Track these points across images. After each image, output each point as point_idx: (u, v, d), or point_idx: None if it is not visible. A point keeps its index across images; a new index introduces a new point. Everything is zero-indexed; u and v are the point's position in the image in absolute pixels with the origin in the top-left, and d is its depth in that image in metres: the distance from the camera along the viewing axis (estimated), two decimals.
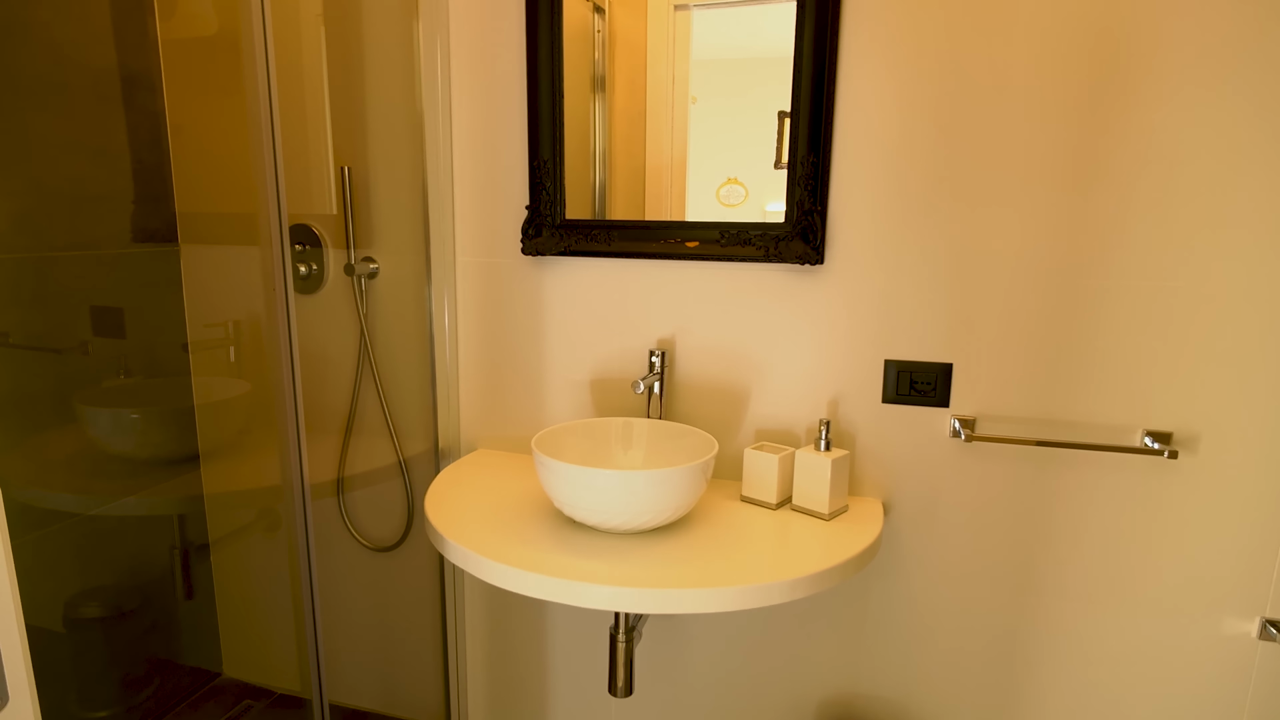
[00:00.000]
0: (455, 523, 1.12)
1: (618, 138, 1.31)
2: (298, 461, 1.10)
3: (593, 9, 1.34)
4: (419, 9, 1.35)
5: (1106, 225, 1.10)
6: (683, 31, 1.28)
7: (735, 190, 1.25)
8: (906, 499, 1.26)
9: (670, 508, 1.06)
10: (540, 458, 1.07)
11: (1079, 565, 1.20)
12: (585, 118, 1.32)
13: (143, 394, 1.59)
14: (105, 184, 1.53)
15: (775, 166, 1.20)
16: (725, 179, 1.24)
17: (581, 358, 1.39)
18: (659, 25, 1.29)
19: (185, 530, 1.61)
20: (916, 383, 1.22)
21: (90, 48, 1.47)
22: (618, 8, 1.30)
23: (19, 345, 1.49)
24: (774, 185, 1.22)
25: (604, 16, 1.33)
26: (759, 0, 1.19)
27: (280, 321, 1.06)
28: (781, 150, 1.20)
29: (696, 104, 1.28)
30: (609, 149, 1.32)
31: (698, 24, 1.26)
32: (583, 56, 1.30)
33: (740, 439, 1.33)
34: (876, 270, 1.20)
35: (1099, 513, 1.18)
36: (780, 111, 1.19)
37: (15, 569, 0.57)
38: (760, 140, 1.20)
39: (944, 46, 1.12)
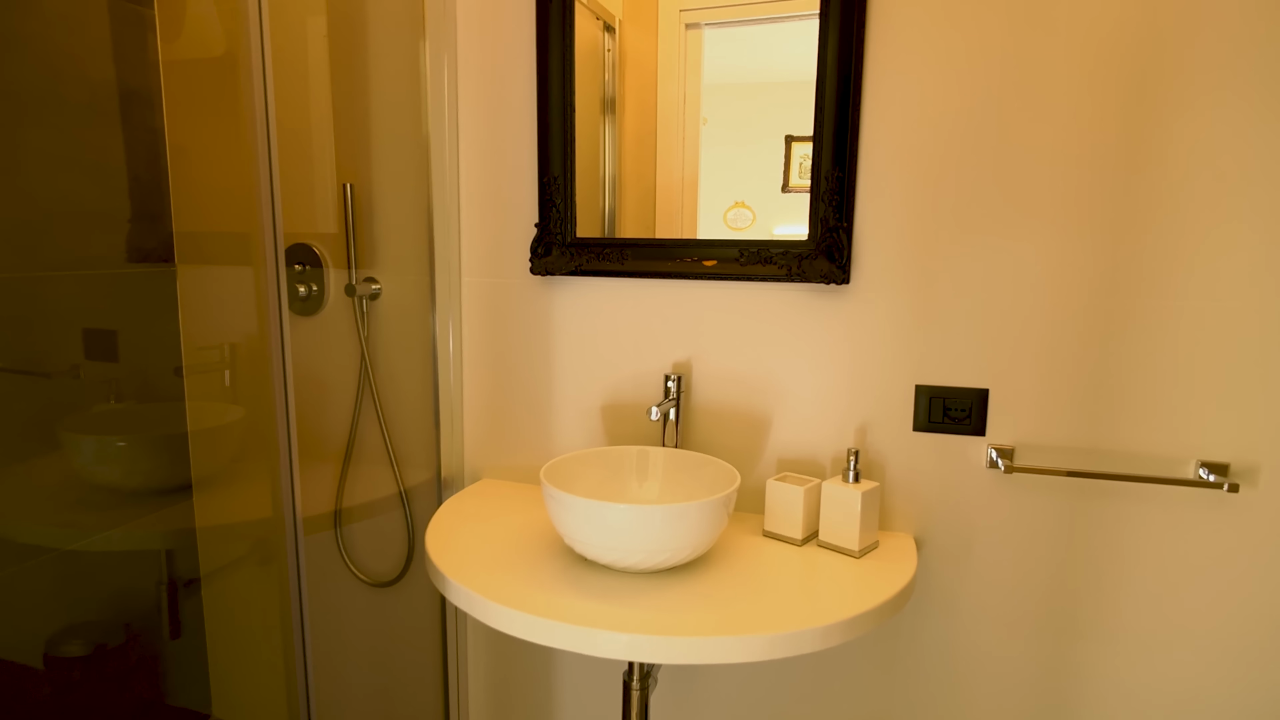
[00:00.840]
0: (458, 560, 1.05)
1: (628, 158, 1.27)
2: (290, 493, 1.03)
3: (602, 28, 1.30)
4: (425, 23, 1.30)
5: (1156, 240, 1.03)
6: (694, 50, 1.24)
7: (742, 214, 1.20)
8: (940, 534, 1.18)
9: (689, 545, 0.98)
10: (549, 490, 1.00)
11: (1130, 607, 1.11)
12: (595, 138, 1.27)
13: (133, 420, 1.53)
14: (100, 201, 1.48)
15: (782, 190, 1.15)
16: (732, 202, 1.20)
17: (592, 383, 1.32)
18: (670, 44, 1.25)
19: (173, 565, 1.53)
20: (950, 410, 1.15)
21: (88, 62, 1.43)
22: (628, 26, 1.27)
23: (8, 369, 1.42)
24: (781, 209, 1.16)
25: (614, 35, 1.29)
26: (774, 19, 1.15)
27: (274, 346, 0.99)
28: (789, 173, 1.15)
29: (707, 126, 1.24)
30: (619, 169, 1.27)
31: (709, 43, 1.22)
32: (592, 76, 1.26)
33: (762, 469, 1.25)
34: (906, 290, 1.14)
35: (1151, 550, 1.09)
36: (788, 135, 1.15)
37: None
38: (767, 163, 1.16)
39: (979, 54, 1.06)
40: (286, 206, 1.52)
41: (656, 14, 1.24)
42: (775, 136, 1.15)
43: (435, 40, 1.30)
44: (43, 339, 1.45)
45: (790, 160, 1.15)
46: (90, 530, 1.34)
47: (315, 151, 1.47)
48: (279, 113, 1.46)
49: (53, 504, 1.33)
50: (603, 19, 1.29)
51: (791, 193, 1.15)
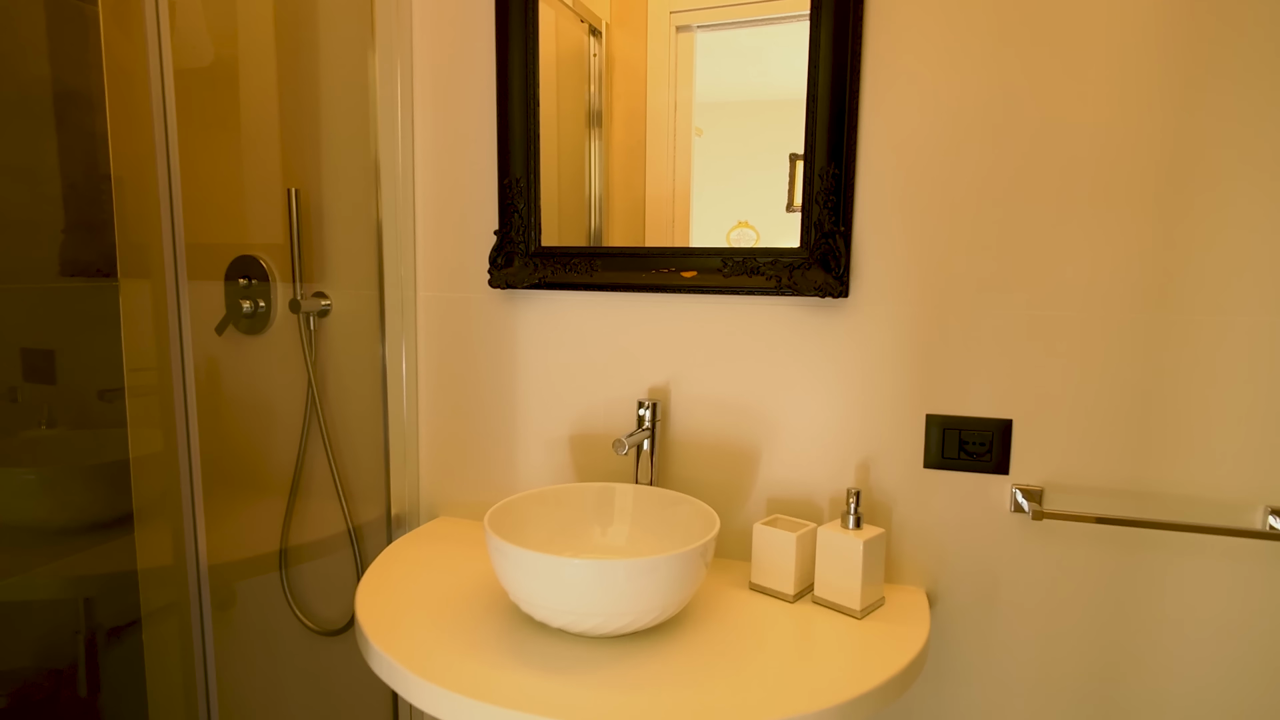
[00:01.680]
0: (391, 619, 0.89)
1: (615, 170, 1.15)
2: (194, 537, 0.88)
3: (588, 31, 1.18)
4: (375, 13, 1.18)
5: (1213, 242, 0.87)
6: (685, 54, 1.13)
7: (746, 234, 1.09)
8: (957, 588, 1.01)
9: (658, 606, 0.83)
10: (492, 540, 0.85)
11: (1184, 679, 0.94)
12: (580, 150, 1.15)
13: (62, 448, 1.39)
14: (30, 210, 1.36)
15: (787, 210, 1.04)
16: (736, 222, 1.09)
17: (560, 410, 1.17)
18: (660, 47, 1.14)
19: (92, 613, 1.38)
20: (967, 443, 0.99)
21: (18, 58, 1.32)
22: (616, 30, 1.16)
23: None
24: (787, 229, 1.04)
25: (601, 40, 1.17)
26: (769, 19, 1.04)
27: (175, 370, 0.85)
28: (794, 193, 1.05)
29: (702, 137, 1.12)
30: (606, 183, 1.15)
31: (701, 47, 1.12)
32: (577, 84, 1.15)
33: (749, 510, 1.09)
34: (913, 304, 0.98)
35: (1210, 612, 0.92)
36: (792, 154, 1.05)
37: None
38: (771, 183, 1.05)
39: (998, 28, 0.91)
40: (232, 216, 1.39)
41: (646, 16, 1.15)
42: (780, 155, 1.04)
43: (385, 32, 1.18)
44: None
45: (795, 179, 1.05)
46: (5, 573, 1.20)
47: (261, 158, 1.34)
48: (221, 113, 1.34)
49: None
50: (588, 21, 1.17)
51: (796, 212, 1.04)
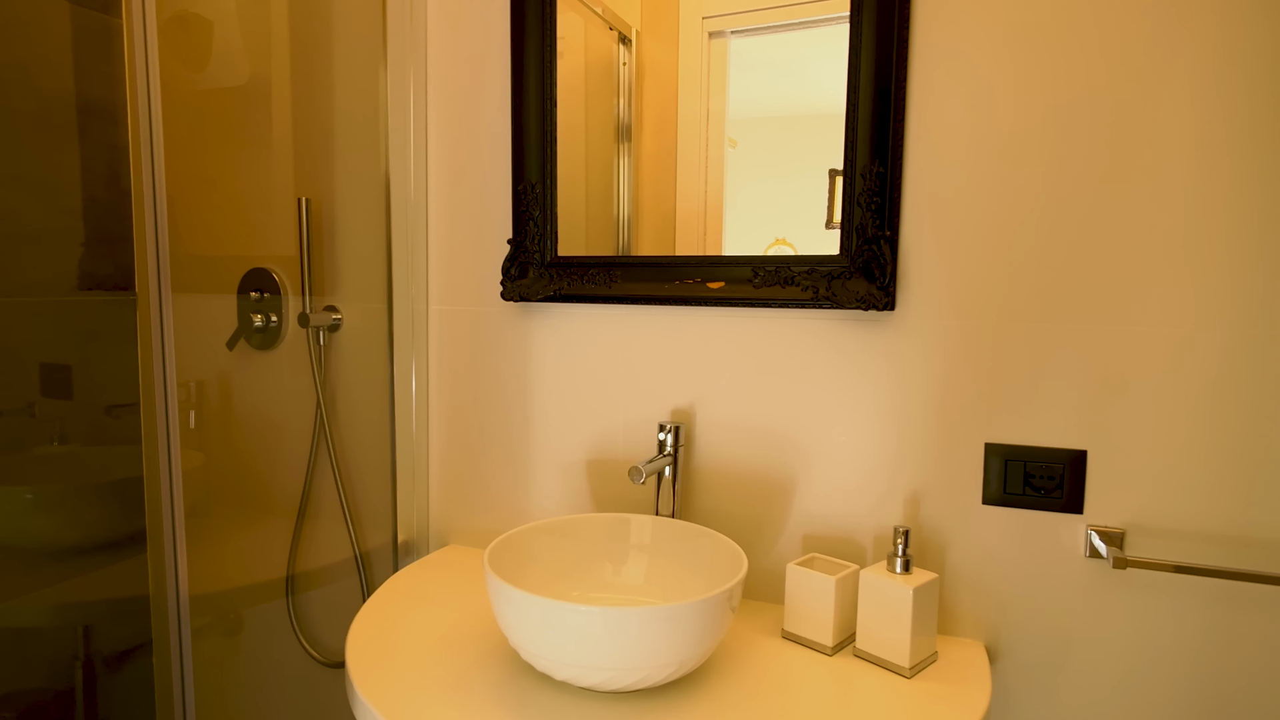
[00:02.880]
0: (382, 663, 0.81)
1: (645, 182, 1.08)
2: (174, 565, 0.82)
3: (617, 39, 1.12)
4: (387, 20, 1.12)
5: None
6: (718, 61, 1.07)
7: (783, 251, 1.01)
8: (1023, 644, 0.88)
9: (676, 660, 0.72)
10: (491, 580, 0.76)
11: None
12: (608, 164, 1.09)
13: (71, 465, 1.36)
14: (50, 222, 1.34)
15: (827, 226, 0.96)
16: (773, 239, 1.02)
17: (576, 432, 1.08)
18: (692, 55, 1.08)
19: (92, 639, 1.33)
20: (1033, 477, 0.86)
21: (42, 71, 1.31)
22: (646, 38, 1.10)
23: None
24: (825, 246, 0.96)
25: (630, 48, 1.11)
26: (805, 22, 0.96)
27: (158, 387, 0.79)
28: (834, 208, 0.98)
29: (736, 149, 1.05)
30: (635, 196, 1.08)
31: (734, 54, 1.05)
32: (606, 94, 1.10)
33: (781, 548, 0.98)
34: (971, 318, 0.87)
35: None
36: (832, 169, 0.97)
37: None
38: (810, 199, 0.98)
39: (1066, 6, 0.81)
40: (245, 229, 1.35)
41: (677, 23, 1.09)
42: (819, 170, 0.97)
43: (398, 41, 1.13)
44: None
45: (834, 195, 0.97)
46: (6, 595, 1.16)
47: (275, 170, 1.30)
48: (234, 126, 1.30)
49: None
50: (618, 29, 1.12)
51: (836, 229, 0.94)
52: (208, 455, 1.38)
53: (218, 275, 1.35)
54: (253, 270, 1.33)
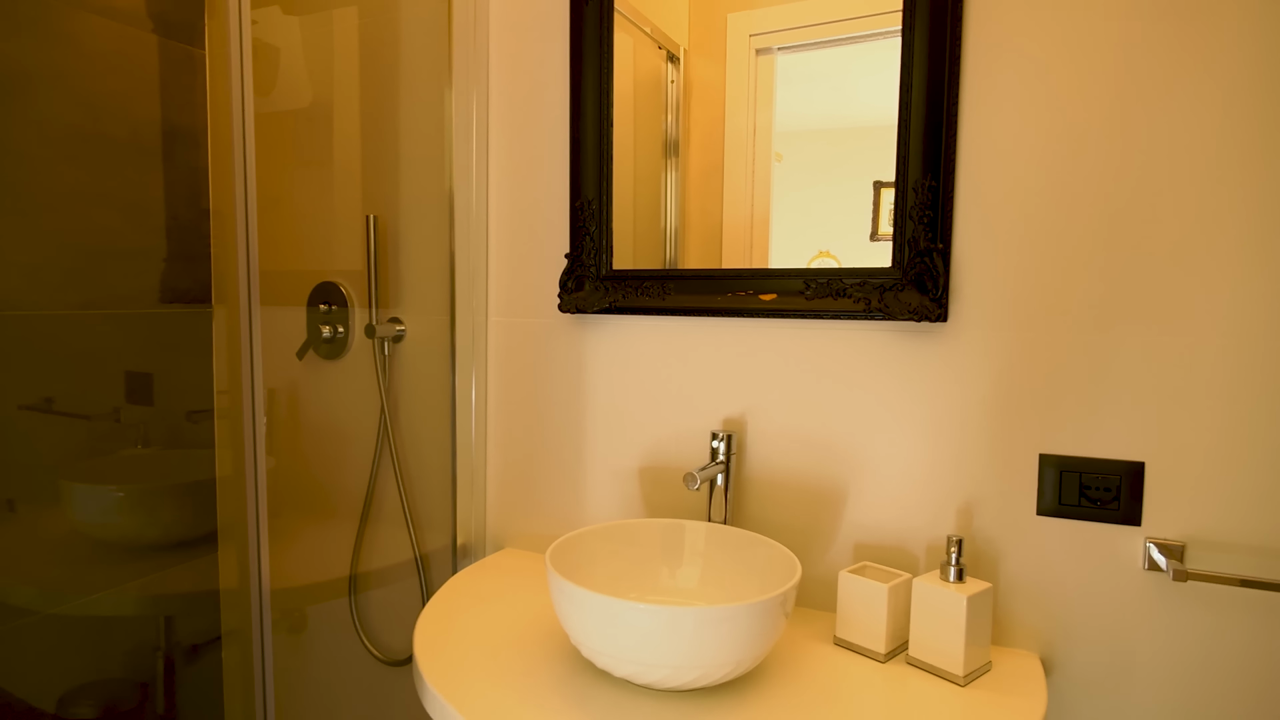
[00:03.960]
0: (448, 658, 0.85)
1: (691, 197, 1.12)
2: (257, 561, 0.87)
3: (665, 58, 1.16)
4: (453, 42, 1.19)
5: None
6: (765, 78, 1.10)
7: (827, 263, 1.04)
8: (1079, 656, 0.88)
9: (731, 660, 0.75)
10: (554, 578, 0.79)
11: None
12: (656, 179, 1.13)
13: (153, 467, 1.44)
14: (137, 240, 1.43)
15: (871, 239, 0.98)
16: (817, 252, 1.04)
17: (630, 440, 1.11)
18: (739, 72, 1.12)
19: (173, 630, 1.41)
20: (1089, 488, 0.86)
21: (133, 99, 1.41)
22: (694, 55, 1.14)
23: (59, 412, 1.37)
24: (869, 259, 0.98)
25: (678, 66, 1.15)
26: (853, 38, 0.99)
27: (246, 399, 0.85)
28: (879, 221, 1.00)
29: (782, 162, 1.08)
30: (682, 210, 1.12)
31: (782, 69, 1.08)
32: (654, 111, 1.14)
33: (833, 556, 1.00)
34: (1025, 329, 0.88)
35: None
36: (877, 181, 0.99)
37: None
38: (854, 212, 1.00)
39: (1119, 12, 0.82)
40: (315, 244, 1.42)
41: (725, 40, 1.13)
42: (863, 183, 0.99)
43: (464, 55, 1.19)
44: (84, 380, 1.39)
45: (879, 208, 0.99)
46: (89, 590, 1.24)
47: (345, 185, 1.37)
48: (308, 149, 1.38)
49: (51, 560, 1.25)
50: (666, 48, 1.16)
51: (880, 241, 0.98)
52: (277, 460, 1.45)
53: (289, 289, 1.43)
54: (321, 284, 1.40)
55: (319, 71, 1.39)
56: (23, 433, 1.28)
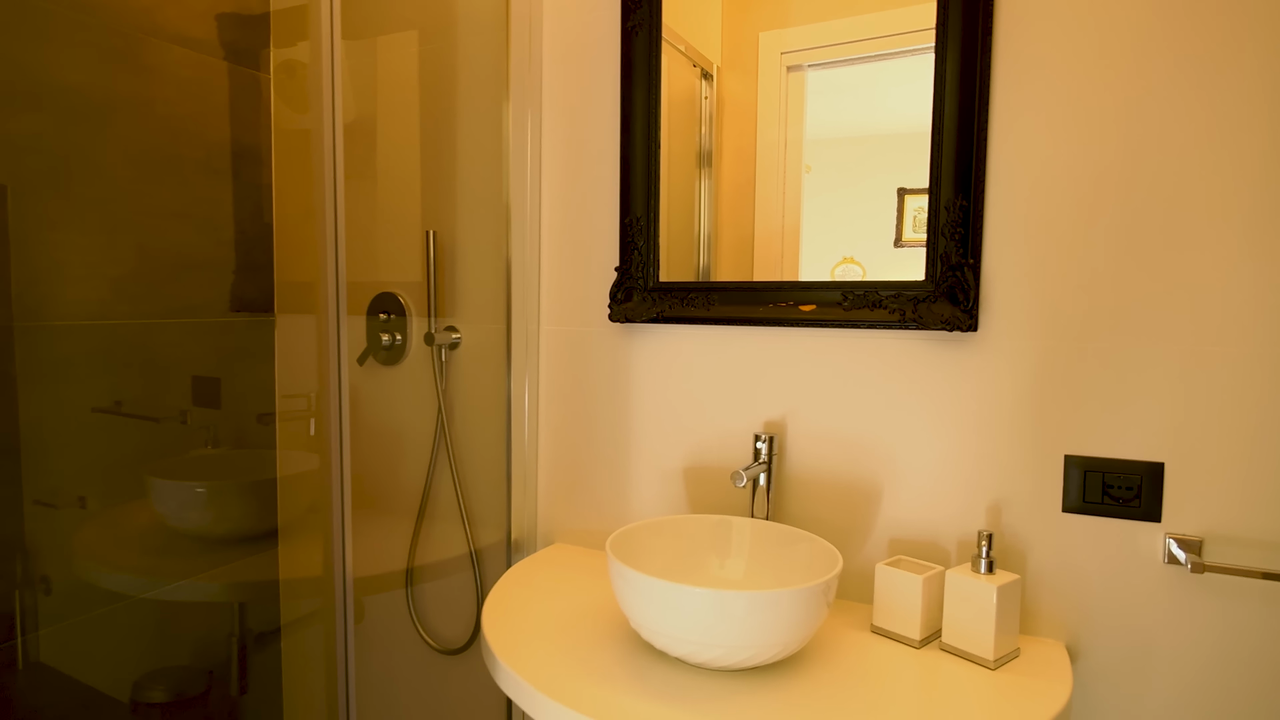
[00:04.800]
0: (513, 638, 0.93)
1: (724, 208, 1.18)
2: (341, 552, 0.96)
3: (700, 75, 1.23)
4: (510, 68, 1.27)
5: None
6: (796, 94, 1.16)
7: (851, 269, 1.09)
8: (1102, 645, 0.94)
9: (779, 642, 0.82)
10: (615, 565, 0.87)
11: None
12: (690, 189, 1.20)
13: (224, 466, 1.54)
14: (209, 253, 1.54)
15: (895, 245, 1.04)
16: (840, 258, 1.10)
17: (674, 442, 1.19)
18: (770, 88, 1.18)
19: (245, 618, 1.50)
20: (1111, 487, 0.92)
21: (206, 122, 1.51)
22: (726, 72, 1.20)
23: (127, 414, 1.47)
24: (893, 265, 1.04)
25: (712, 83, 1.22)
26: (882, 55, 1.05)
27: (333, 397, 0.94)
28: (902, 227, 1.05)
29: (810, 173, 1.14)
30: (715, 221, 1.19)
31: (812, 85, 1.13)
32: (688, 125, 1.20)
33: (869, 550, 1.06)
34: (1050, 338, 0.94)
35: None
36: (900, 188, 1.04)
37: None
38: (878, 218, 1.05)
39: (1140, 51, 0.88)
40: (376, 256, 1.52)
41: (756, 58, 1.18)
42: (887, 189, 1.04)
43: (520, 85, 1.27)
44: (154, 384, 1.49)
45: (903, 214, 1.04)
46: (165, 579, 1.34)
47: (404, 201, 1.46)
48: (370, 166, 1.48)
49: (139, 549, 1.34)
50: (700, 66, 1.23)
51: (904, 247, 1.03)
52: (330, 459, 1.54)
53: (350, 299, 1.52)
54: (381, 294, 1.49)
55: (383, 92, 1.48)
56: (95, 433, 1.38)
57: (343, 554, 0.95)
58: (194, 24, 1.48)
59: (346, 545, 0.95)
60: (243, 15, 1.58)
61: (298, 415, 1.62)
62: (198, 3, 1.49)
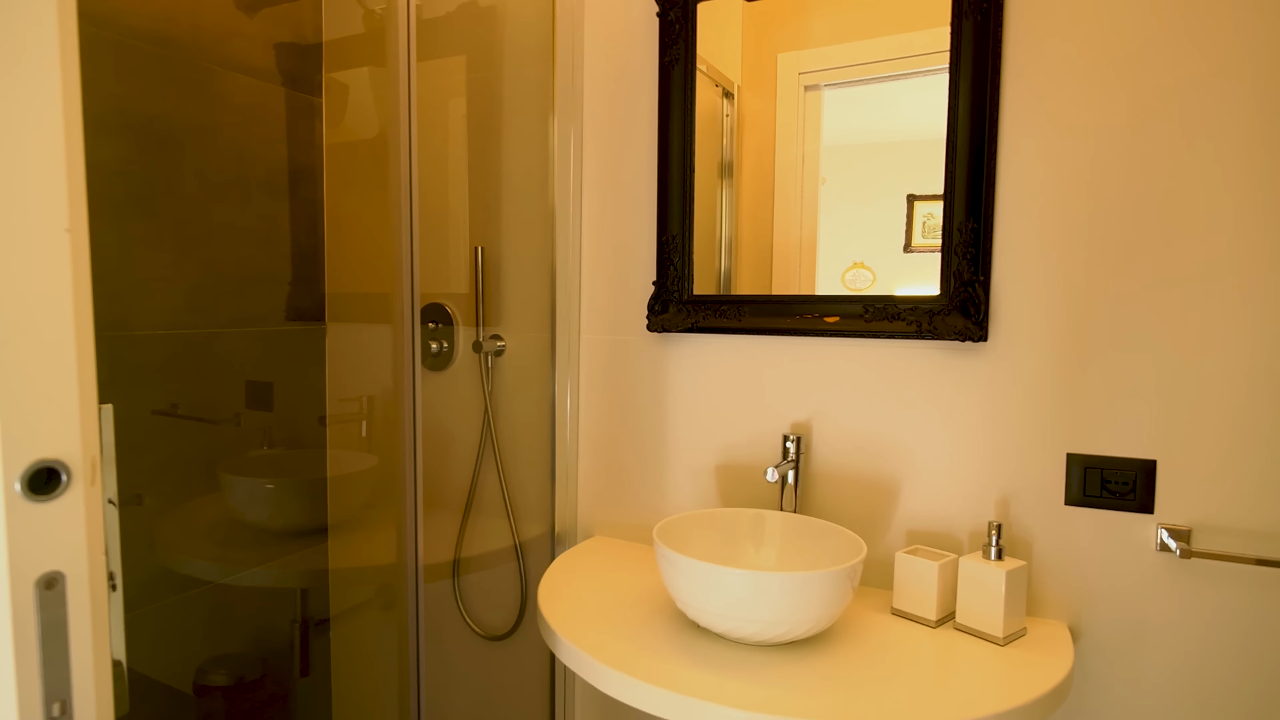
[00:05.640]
0: (569, 617, 1.03)
1: (744, 218, 1.27)
2: (414, 542, 1.06)
3: (721, 94, 1.33)
4: (554, 96, 1.38)
5: None
6: (813, 112, 1.24)
7: (861, 274, 1.17)
8: (1101, 625, 1.04)
9: (810, 619, 0.92)
10: (662, 550, 0.97)
11: None
12: (712, 199, 1.29)
13: (281, 465, 1.65)
14: (268, 266, 1.65)
15: (904, 250, 1.12)
16: (851, 263, 1.17)
17: (706, 442, 1.29)
18: (789, 107, 1.26)
19: (306, 604, 1.61)
20: (1109, 482, 1.02)
21: (267, 145, 1.63)
22: (747, 92, 1.29)
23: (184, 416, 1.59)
24: (903, 270, 1.12)
25: (733, 101, 1.31)
26: (897, 76, 1.13)
27: (406, 400, 1.05)
28: (912, 233, 1.12)
29: (826, 184, 1.22)
30: (735, 229, 1.28)
31: (828, 104, 1.22)
32: (711, 140, 1.29)
33: (889, 540, 1.16)
34: (1053, 347, 1.04)
35: None
36: (910, 195, 1.12)
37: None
38: (889, 224, 1.13)
39: (1134, 86, 0.98)
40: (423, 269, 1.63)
41: (775, 78, 1.26)
42: (897, 196, 1.12)
43: (563, 111, 1.38)
44: (212, 388, 1.61)
45: (913, 220, 1.12)
46: (237, 566, 1.45)
47: (451, 218, 1.57)
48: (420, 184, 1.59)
49: (208, 539, 1.45)
50: (722, 86, 1.32)
51: (914, 253, 1.11)
52: (386, 459, 1.65)
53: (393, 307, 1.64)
54: (429, 304, 1.60)
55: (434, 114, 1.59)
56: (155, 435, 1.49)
57: (415, 544, 1.06)
58: (256, 54, 1.60)
59: (419, 536, 1.06)
60: (299, 45, 1.70)
61: (349, 418, 1.73)
62: (259, 34, 1.60)
